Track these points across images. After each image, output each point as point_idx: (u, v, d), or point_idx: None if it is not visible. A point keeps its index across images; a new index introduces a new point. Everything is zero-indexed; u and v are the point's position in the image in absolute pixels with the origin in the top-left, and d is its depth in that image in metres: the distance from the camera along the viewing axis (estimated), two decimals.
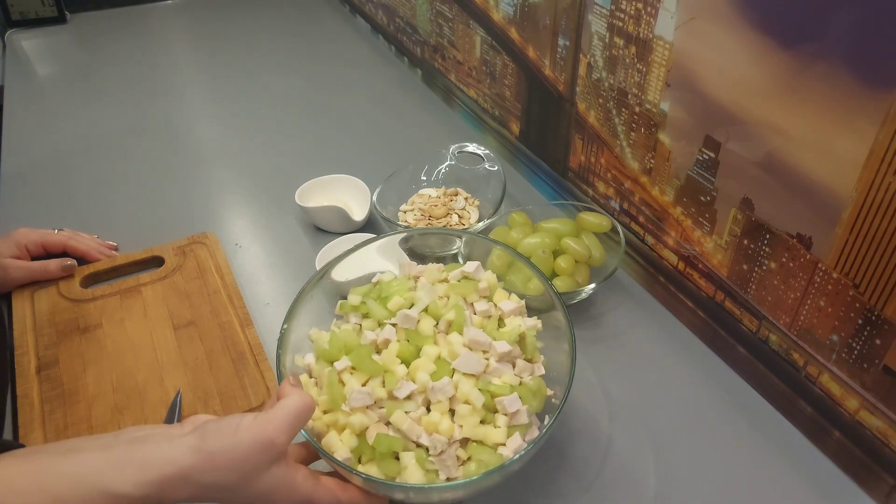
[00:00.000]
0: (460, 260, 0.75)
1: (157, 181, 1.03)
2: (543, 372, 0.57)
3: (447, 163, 0.96)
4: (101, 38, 1.56)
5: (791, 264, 0.60)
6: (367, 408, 0.53)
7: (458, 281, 0.61)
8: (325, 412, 0.54)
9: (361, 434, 0.52)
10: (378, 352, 0.56)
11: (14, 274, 0.77)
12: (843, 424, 0.60)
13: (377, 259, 0.84)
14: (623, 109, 0.76)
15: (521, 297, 0.62)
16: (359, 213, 0.89)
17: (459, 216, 0.89)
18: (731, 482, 0.60)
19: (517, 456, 0.50)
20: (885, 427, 0.56)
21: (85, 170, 1.06)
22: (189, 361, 0.70)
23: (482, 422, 0.53)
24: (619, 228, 0.78)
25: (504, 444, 0.52)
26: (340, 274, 0.80)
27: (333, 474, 0.52)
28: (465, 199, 0.93)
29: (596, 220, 0.79)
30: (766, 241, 0.62)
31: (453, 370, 0.54)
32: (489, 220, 0.85)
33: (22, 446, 0.45)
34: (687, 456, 0.62)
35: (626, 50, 0.72)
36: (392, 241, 0.85)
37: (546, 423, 0.54)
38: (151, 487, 0.42)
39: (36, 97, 1.28)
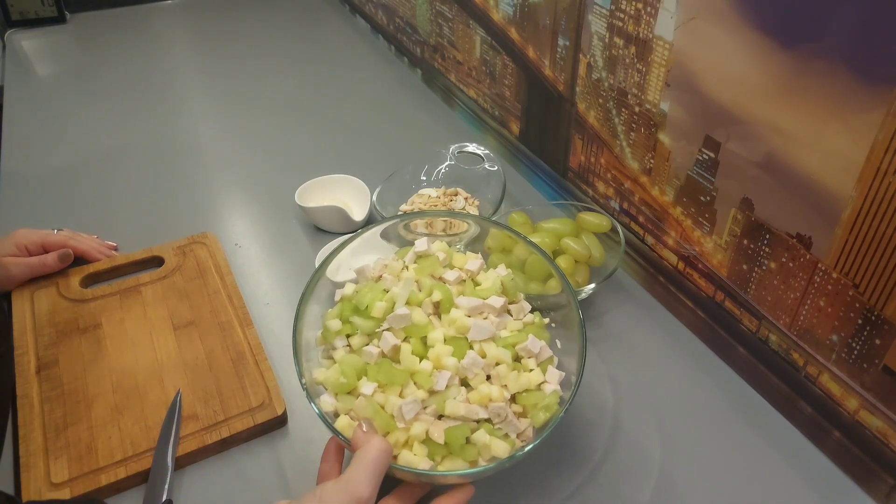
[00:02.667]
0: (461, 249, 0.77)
1: (157, 181, 1.03)
2: (530, 307, 0.62)
3: (447, 163, 0.96)
4: (101, 38, 1.56)
5: (791, 264, 0.60)
6: (419, 414, 0.53)
7: (416, 263, 0.63)
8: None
9: (427, 439, 0.53)
10: (393, 360, 0.57)
11: (14, 271, 0.77)
12: (843, 424, 0.60)
13: (374, 258, 0.84)
14: (623, 109, 0.76)
15: (534, 296, 0.64)
16: (359, 213, 0.89)
17: None
18: (732, 482, 0.60)
19: (571, 384, 0.54)
20: (884, 427, 0.56)
21: (85, 170, 1.06)
22: (189, 361, 0.70)
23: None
24: (619, 228, 0.78)
25: (545, 381, 0.56)
26: (336, 273, 0.80)
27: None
28: (465, 199, 0.93)
29: (596, 220, 0.79)
30: (765, 241, 0.62)
31: (470, 343, 0.56)
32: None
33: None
34: (687, 456, 0.62)
35: (626, 50, 0.72)
36: (390, 238, 0.85)
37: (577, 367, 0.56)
38: None
39: (36, 97, 1.28)
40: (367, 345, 0.57)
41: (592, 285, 0.74)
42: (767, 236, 0.62)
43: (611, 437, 0.64)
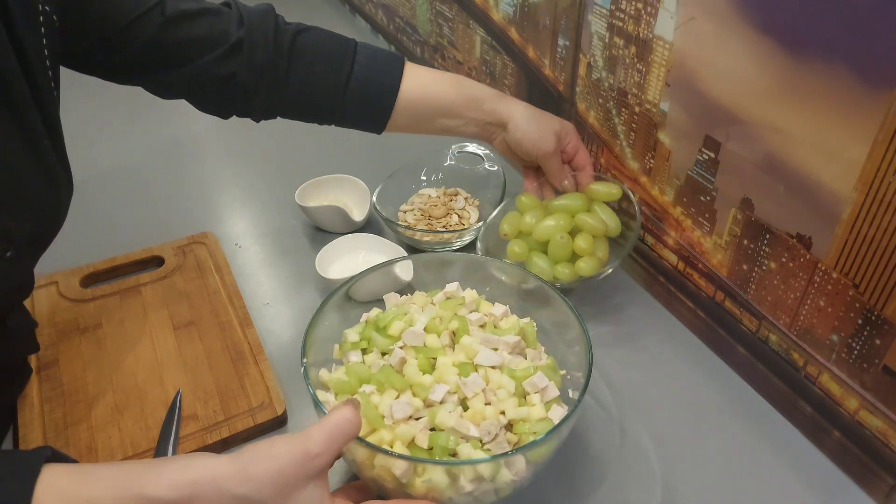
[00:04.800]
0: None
1: (157, 181, 1.03)
2: (548, 357, 0.61)
3: (447, 163, 0.97)
4: None
5: (791, 264, 0.60)
6: (409, 418, 0.53)
7: (446, 300, 0.64)
8: (367, 435, 0.54)
9: (411, 444, 0.52)
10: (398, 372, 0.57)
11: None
12: (843, 424, 0.60)
13: (374, 258, 0.85)
14: (623, 109, 0.76)
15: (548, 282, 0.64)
16: (359, 213, 0.89)
17: (459, 216, 0.89)
18: (731, 482, 0.60)
19: (568, 413, 0.52)
20: (884, 427, 0.56)
21: (85, 170, 1.06)
22: (189, 361, 0.70)
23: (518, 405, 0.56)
24: (630, 194, 0.77)
25: (547, 419, 0.55)
26: (336, 273, 0.81)
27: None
28: (465, 199, 0.93)
29: (606, 188, 0.76)
30: (765, 241, 0.62)
31: (476, 367, 0.56)
32: (488, 220, 0.85)
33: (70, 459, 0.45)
34: (687, 456, 0.62)
35: (626, 50, 0.72)
36: (390, 238, 0.85)
37: (578, 394, 0.54)
38: (184, 490, 0.41)
39: None
40: (380, 359, 0.59)
41: (616, 262, 0.74)
42: (767, 236, 0.62)
43: (610, 437, 0.64)
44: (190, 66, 0.67)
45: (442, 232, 0.84)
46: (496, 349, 0.58)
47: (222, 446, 0.62)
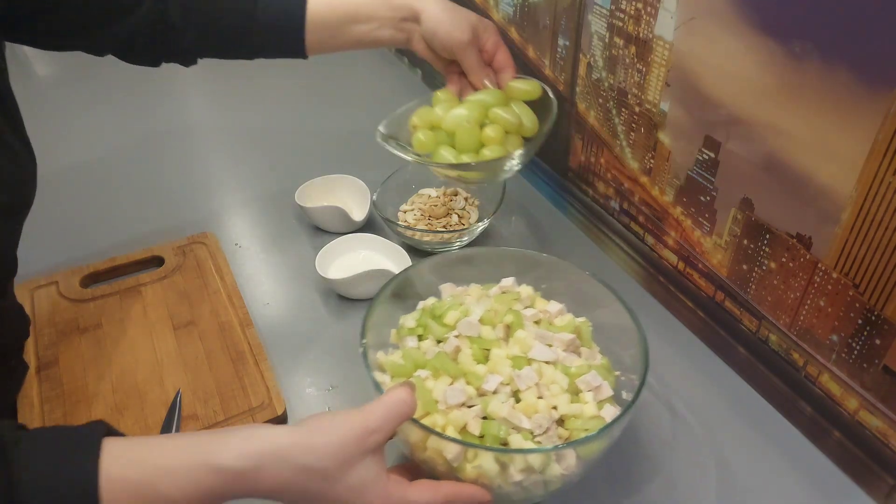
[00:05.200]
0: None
1: (157, 181, 1.03)
2: (603, 358, 0.61)
3: None
4: None
5: (791, 264, 0.60)
6: (460, 405, 0.54)
7: (501, 294, 0.64)
8: (421, 419, 0.54)
9: (463, 430, 0.53)
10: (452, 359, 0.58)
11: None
12: (843, 424, 0.60)
13: (375, 258, 0.85)
14: (623, 109, 0.76)
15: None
16: (359, 213, 0.89)
17: (459, 216, 0.89)
18: (731, 482, 0.60)
19: (622, 412, 0.52)
20: (885, 427, 0.56)
21: (85, 170, 1.06)
22: (189, 361, 0.70)
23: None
24: (550, 92, 0.74)
25: (599, 416, 0.55)
26: (336, 273, 0.81)
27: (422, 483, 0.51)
28: (465, 199, 0.93)
29: (526, 86, 0.73)
30: (766, 241, 0.62)
31: (529, 361, 0.57)
32: (488, 220, 0.85)
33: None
34: (686, 456, 0.62)
35: (626, 50, 0.72)
36: (390, 238, 0.85)
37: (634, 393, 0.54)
38: (251, 460, 0.42)
39: (36, 97, 1.28)
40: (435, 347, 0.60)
41: (520, 151, 0.70)
42: (767, 236, 0.62)
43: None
44: (130, 18, 0.67)
45: (442, 232, 0.84)
46: (550, 345, 0.58)
47: None
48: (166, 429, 0.62)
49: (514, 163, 0.71)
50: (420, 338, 0.62)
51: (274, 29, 0.74)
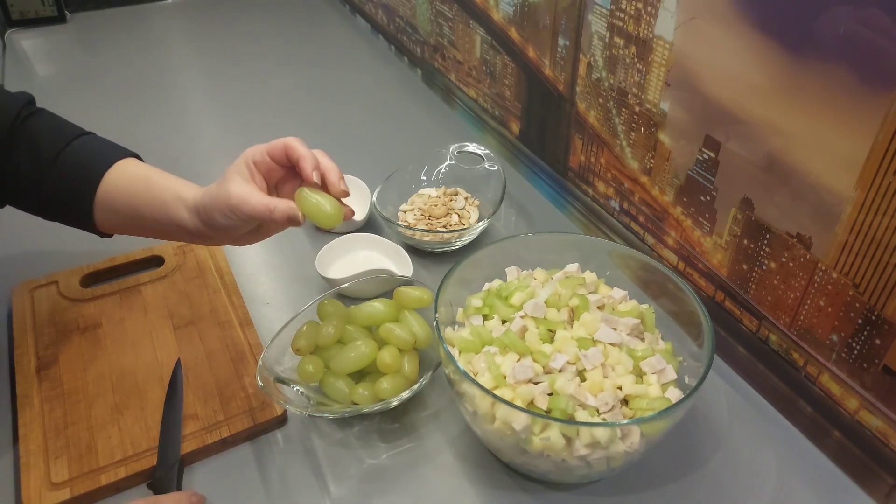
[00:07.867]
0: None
1: None
2: (666, 343, 0.62)
3: (447, 162, 0.96)
4: (101, 37, 1.56)
5: (791, 264, 0.60)
6: (527, 381, 0.55)
7: (566, 278, 0.65)
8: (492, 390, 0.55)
9: (530, 405, 0.54)
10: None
11: (249, 209, 0.60)
12: (843, 424, 0.60)
13: (375, 257, 0.85)
14: (623, 109, 0.76)
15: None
16: (359, 213, 0.89)
17: (459, 216, 0.89)
18: (731, 482, 0.60)
19: (687, 394, 0.52)
20: (885, 427, 0.56)
21: None
22: (189, 361, 0.70)
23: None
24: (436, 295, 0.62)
25: (664, 397, 0.55)
26: (336, 273, 0.81)
27: None
28: (465, 198, 0.93)
29: (417, 293, 0.67)
30: (766, 241, 0.62)
31: (595, 343, 0.58)
32: (489, 220, 0.85)
33: None
34: (686, 455, 0.62)
35: (626, 50, 0.72)
36: (390, 238, 0.85)
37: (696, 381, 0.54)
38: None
39: (36, 97, 1.28)
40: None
41: (424, 378, 0.63)
42: (767, 236, 0.62)
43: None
44: None
45: (442, 232, 0.84)
46: (615, 329, 0.59)
47: (222, 446, 0.62)
48: (168, 401, 0.64)
49: (404, 397, 0.62)
50: (485, 317, 0.63)
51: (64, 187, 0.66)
